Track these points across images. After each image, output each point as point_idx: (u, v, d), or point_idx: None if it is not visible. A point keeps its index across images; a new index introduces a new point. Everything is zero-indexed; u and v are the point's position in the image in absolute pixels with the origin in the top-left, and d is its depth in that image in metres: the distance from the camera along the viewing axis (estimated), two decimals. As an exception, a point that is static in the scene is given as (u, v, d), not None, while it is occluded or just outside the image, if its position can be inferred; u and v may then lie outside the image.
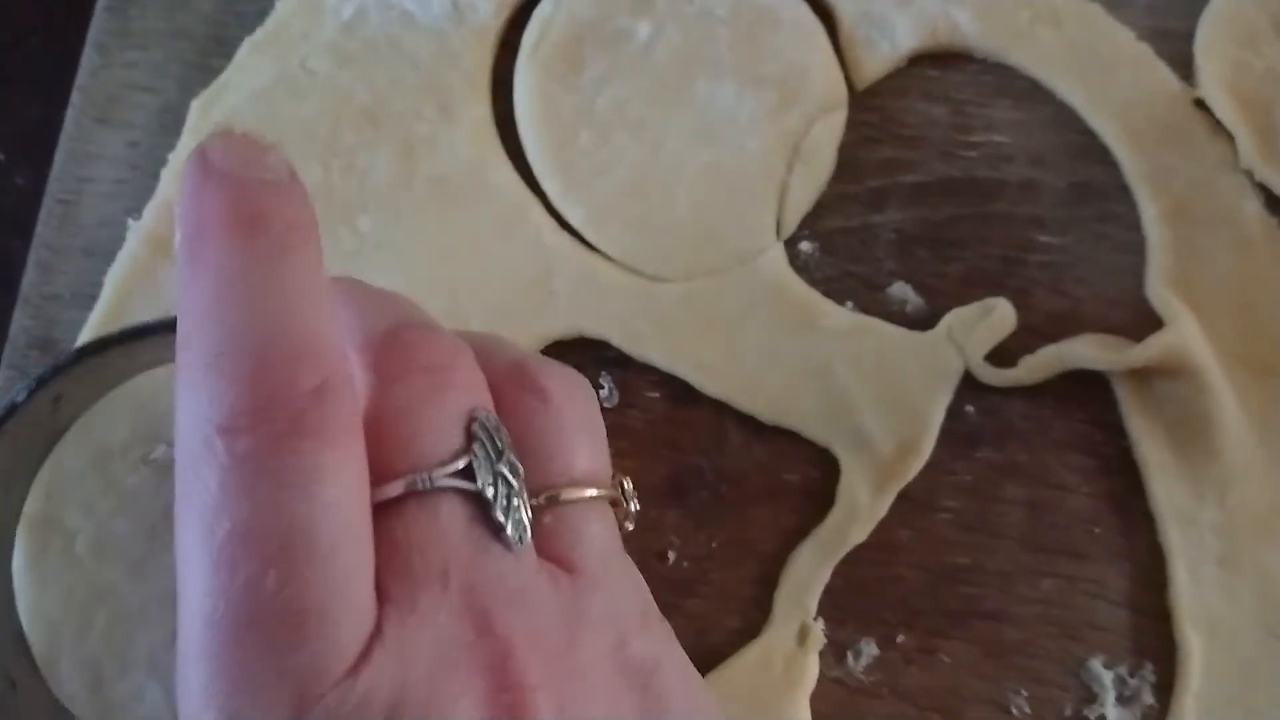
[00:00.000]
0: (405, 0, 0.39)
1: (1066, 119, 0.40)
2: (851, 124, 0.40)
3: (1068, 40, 0.40)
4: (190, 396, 0.19)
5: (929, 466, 0.37)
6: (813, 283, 0.38)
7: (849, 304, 0.38)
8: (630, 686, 0.22)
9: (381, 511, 0.20)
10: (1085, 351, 0.37)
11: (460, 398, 0.21)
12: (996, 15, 0.40)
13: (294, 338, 0.19)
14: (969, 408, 0.38)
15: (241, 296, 0.19)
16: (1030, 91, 0.40)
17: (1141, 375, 0.37)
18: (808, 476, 0.37)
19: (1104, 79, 0.40)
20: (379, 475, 0.20)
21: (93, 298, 0.37)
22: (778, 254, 0.38)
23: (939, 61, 0.40)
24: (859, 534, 0.36)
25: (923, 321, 0.38)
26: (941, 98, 0.40)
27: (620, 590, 0.23)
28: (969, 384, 0.37)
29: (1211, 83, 0.40)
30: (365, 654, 0.18)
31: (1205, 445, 0.37)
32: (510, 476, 0.21)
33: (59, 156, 0.39)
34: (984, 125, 0.40)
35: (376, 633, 0.19)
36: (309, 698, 0.18)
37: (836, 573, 0.36)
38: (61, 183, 0.38)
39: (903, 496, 0.36)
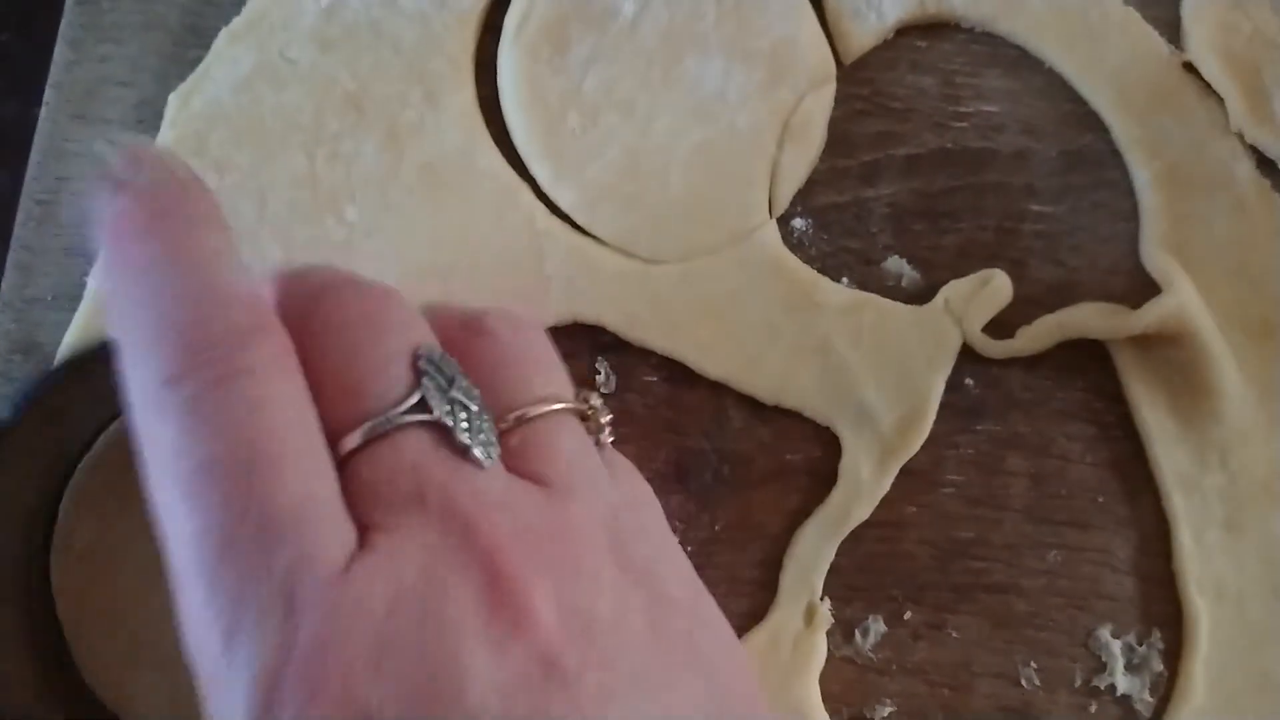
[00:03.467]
0: (385, -16, 0.38)
1: (1057, 87, 0.40)
2: (841, 98, 0.39)
3: (1056, 7, 0.40)
4: (135, 371, 0.20)
5: (931, 441, 0.36)
6: (808, 259, 0.38)
7: (845, 280, 0.38)
8: (635, 582, 0.22)
9: (348, 461, 0.20)
10: (1083, 320, 0.37)
11: (398, 338, 0.22)
12: (983, -16, 0.40)
13: (216, 292, 0.20)
14: (968, 380, 0.37)
15: (161, 272, 0.20)
16: (1019, 60, 0.40)
17: (1140, 342, 0.37)
18: (810, 455, 0.37)
19: (1093, 45, 0.40)
20: (337, 430, 0.20)
21: (75, 299, 0.36)
22: (771, 232, 0.38)
23: (927, 32, 0.40)
24: (862, 511, 0.36)
25: (919, 295, 0.38)
26: (931, 68, 0.40)
27: (603, 496, 0.23)
28: (968, 356, 0.37)
29: (1200, 45, 0.40)
30: (353, 559, 0.19)
31: (1206, 410, 0.37)
32: (466, 400, 0.21)
33: (35, 155, 0.38)
34: (974, 95, 0.40)
35: (364, 545, 0.19)
36: (302, 598, 0.18)
37: (842, 551, 0.36)
38: (39, 182, 0.37)
39: (906, 472, 0.36)
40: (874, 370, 0.36)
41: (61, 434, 0.33)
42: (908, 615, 0.36)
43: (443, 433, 0.21)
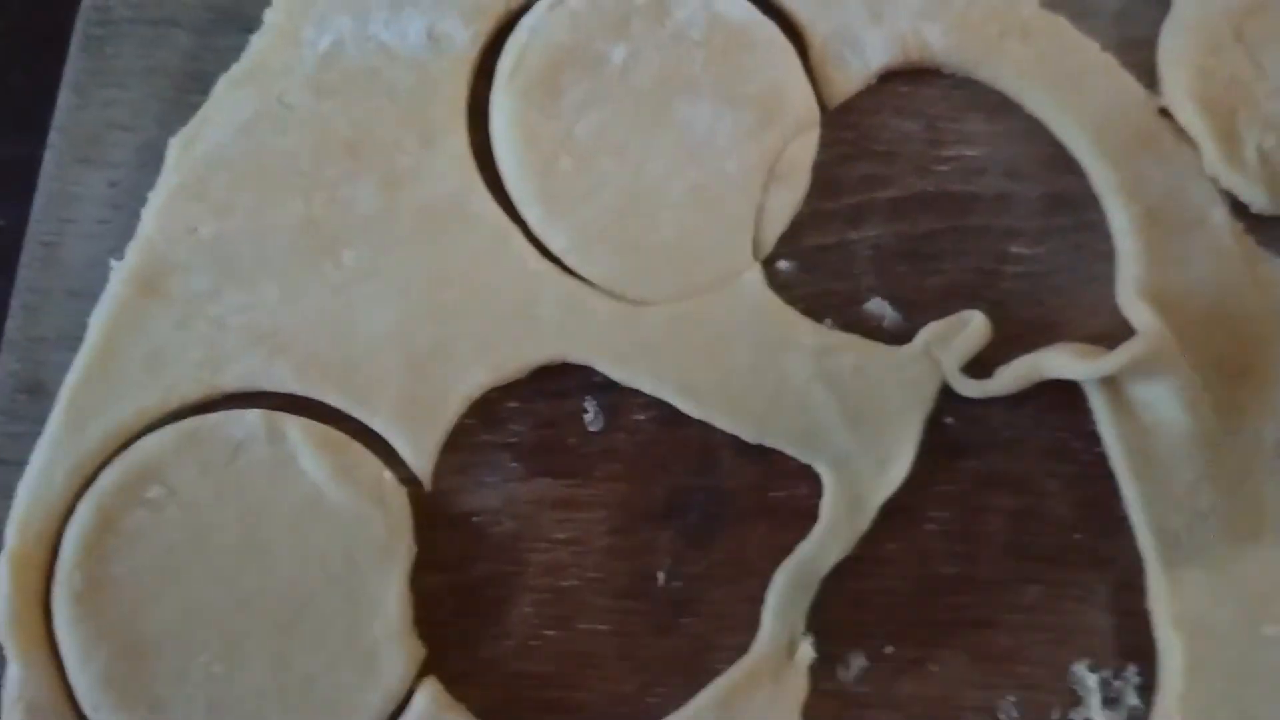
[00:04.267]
0: (382, 32, 0.39)
1: (1038, 131, 0.41)
2: (826, 142, 0.40)
3: (1036, 53, 0.41)
4: None
5: (914, 478, 0.37)
6: (792, 301, 0.39)
7: (828, 321, 0.39)
8: None
9: None
10: (1058, 361, 0.38)
11: None
12: (966, 30, 0.41)
13: None
14: (949, 419, 0.38)
15: None
16: (1001, 105, 0.41)
17: (1116, 382, 0.38)
18: (796, 493, 0.38)
19: (1073, 90, 0.41)
20: None
21: (79, 339, 0.37)
22: (757, 274, 0.39)
23: (910, 77, 0.41)
24: (842, 549, 0.37)
25: (901, 336, 0.39)
26: (914, 113, 0.41)
27: None
28: (949, 395, 0.38)
29: (1176, 90, 0.40)
30: None
31: (1179, 449, 0.38)
32: None
33: (39, 198, 0.39)
34: (957, 139, 0.41)
35: None
36: None
37: (825, 587, 0.37)
38: (43, 224, 0.38)
39: (888, 509, 0.37)
40: (854, 411, 0.37)
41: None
42: (889, 650, 0.37)
43: None
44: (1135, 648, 0.37)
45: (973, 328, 0.38)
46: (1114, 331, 0.39)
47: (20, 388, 0.37)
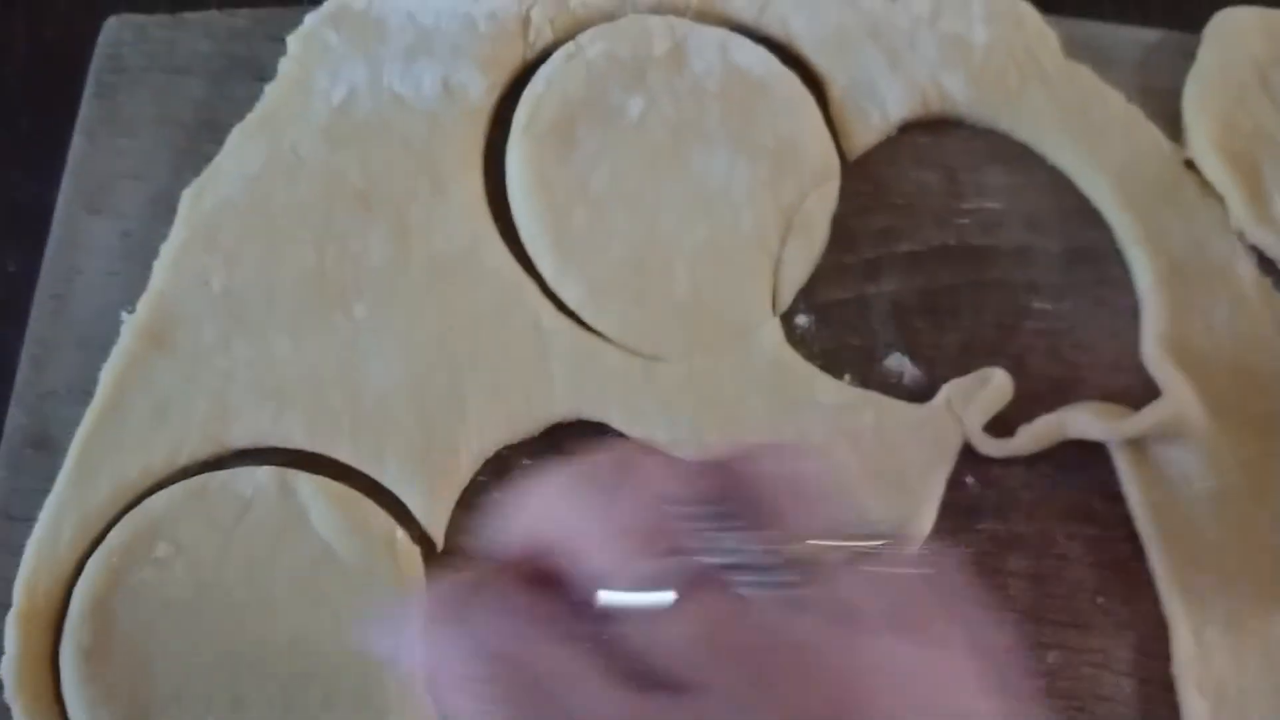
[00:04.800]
0: (396, 82, 0.39)
1: (1059, 183, 0.40)
2: (844, 194, 0.40)
3: (1058, 103, 0.40)
4: None
5: (932, 539, 0.37)
6: (810, 356, 0.38)
7: (846, 376, 0.38)
8: None
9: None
10: (1083, 421, 0.37)
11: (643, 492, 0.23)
12: (986, 80, 0.40)
13: None
14: (969, 479, 0.38)
15: None
16: (1022, 156, 0.40)
17: (1139, 442, 0.37)
18: (812, 554, 0.37)
19: (1095, 142, 0.40)
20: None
21: (88, 393, 0.36)
22: (774, 329, 0.38)
23: (930, 128, 0.40)
24: (863, 610, 0.36)
25: (921, 392, 0.38)
26: (933, 164, 0.40)
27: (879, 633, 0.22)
28: (968, 455, 0.37)
29: (1201, 143, 0.40)
30: None
31: (1204, 510, 0.37)
32: (739, 546, 0.21)
33: (50, 248, 0.38)
34: (976, 191, 0.40)
35: None
36: None
37: (842, 650, 0.36)
38: (53, 275, 0.38)
39: (906, 571, 0.36)
40: (874, 470, 0.37)
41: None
42: (907, 715, 0.36)
43: (721, 579, 0.21)
44: (1158, 715, 0.36)
45: (995, 385, 0.37)
46: (1137, 388, 0.38)
47: (28, 442, 0.37)
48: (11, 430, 0.37)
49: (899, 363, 0.38)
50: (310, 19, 0.39)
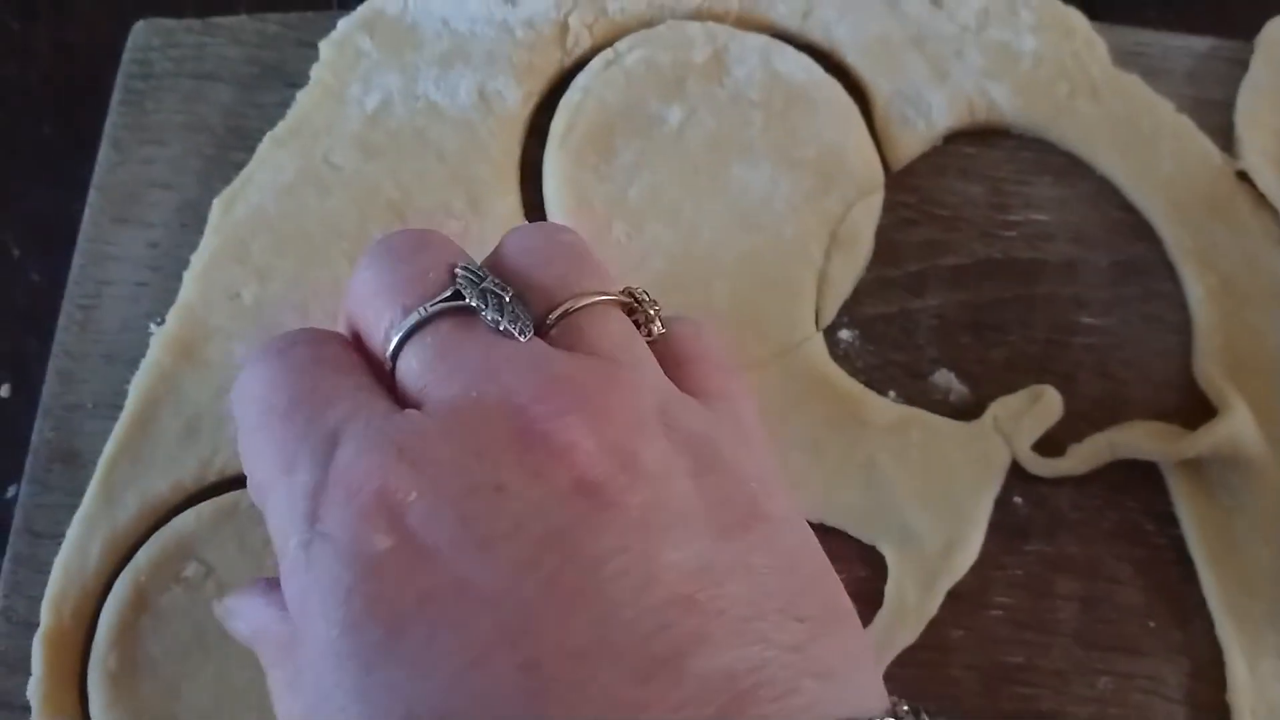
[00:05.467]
0: (431, 90, 0.38)
1: (1108, 195, 0.39)
2: (888, 205, 0.39)
3: (1107, 113, 0.39)
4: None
5: (979, 562, 0.36)
6: (854, 372, 0.37)
7: (891, 393, 0.37)
8: (683, 445, 0.22)
9: (399, 359, 0.23)
10: (1136, 441, 0.36)
11: (435, 254, 0.24)
12: (1034, 90, 0.39)
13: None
14: (1017, 499, 0.37)
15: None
16: (1070, 167, 0.39)
17: (1193, 463, 0.36)
18: (856, 576, 0.36)
19: (1145, 153, 0.39)
20: (389, 334, 0.23)
21: (116, 407, 0.35)
22: (818, 344, 0.37)
23: (976, 139, 0.40)
24: (909, 635, 0.35)
25: (967, 410, 0.37)
26: (979, 176, 0.39)
27: (649, 374, 0.23)
28: (1016, 474, 0.37)
29: (1254, 153, 0.39)
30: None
31: (1256, 534, 0.36)
32: (498, 291, 0.23)
33: (77, 259, 0.37)
34: (1023, 203, 0.39)
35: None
36: (347, 433, 0.21)
37: (887, 676, 0.35)
38: (80, 286, 0.37)
39: (953, 594, 0.35)
40: (921, 489, 0.36)
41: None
42: (953, 742, 0.35)
43: (476, 316, 0.23)
44: (1211, 744, 0.35)
45: (1045, 403, 0.36)
46: (1187, 406, 0.37)
47: (55, 457, 0.36)
48: (37, 444, 0.36)
49: (945, 379, 0.37)
50: (343, 24, 0.39)
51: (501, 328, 0.22)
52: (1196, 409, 0.37)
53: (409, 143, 0.38)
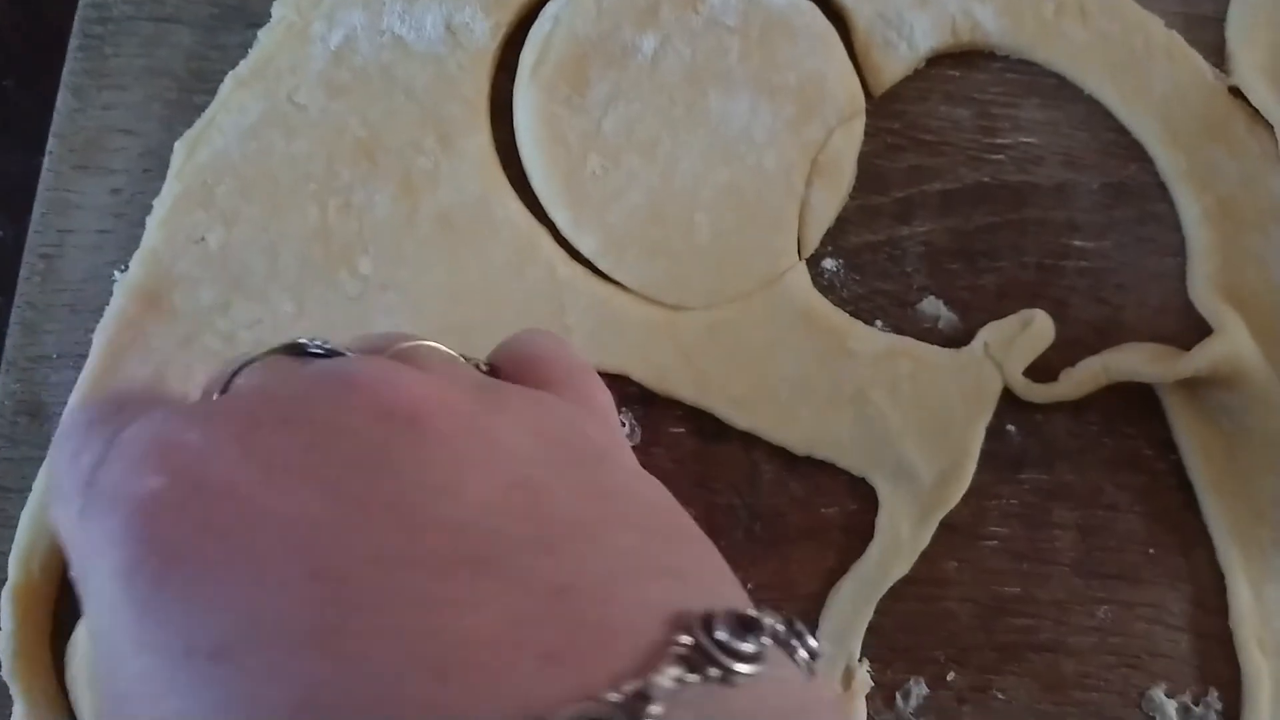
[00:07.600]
0: (397, 25, 0.37)
1: (1098, 116, 0.38)
2: (872, 132, 0.37)
3: (1096, 33, 0.38)
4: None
5: (973, 492, 0.35)
6: (839, 302, 0.36)
7: (879, 323, 0.36)
8: (501, 405, 0.20)
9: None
10: (1131, 363, 0.35)
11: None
12: (1019, 9, 0.38)
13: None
14: (1010, 427, 0.36)
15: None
16: (1058, 89, 0.38)
17: (1191, 386, 0.35)
18: (846, 509, 0.35)
19: (1136, 72, 0.38)
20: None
21: (81, 357, 0.34)
22: (801, 275, 0.36)
23: (960, 61, 0.38)
24: (901, 568, 0.34)
25: (957, 338, 0.36)
26: (965, 99, 0.38)
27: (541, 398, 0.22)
28: (1009, 402, 0.36)
29: (1247, 69, 0.38)
30: None
31: (1261, 458, 0.35)
32: (324, 343, 0.22)
33: (38, 208, 0.36)
34: (1011, 126, 0.38)
35: None
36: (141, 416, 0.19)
37: (881, 610, 0.34)
38: (42, 235, 0.36)
39: (947, 526, 0.35)
40: (912, 419, 0.35)
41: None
42: (951, 677, 0.34)
43: (301, 352, 0.21)
44: (1216, 672, 0.34)
45: (1035, 328, 0.35)
46: (1185, 330, 0.36)
47: (20, 410, 0.35)
48: (2, 398, 0.35)
49: (934, 306, 0.36)
50: (305, -40, 0.37)
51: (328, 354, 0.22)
52: (1194, 331, 0.36)
53: (376, 80, 0.36)
